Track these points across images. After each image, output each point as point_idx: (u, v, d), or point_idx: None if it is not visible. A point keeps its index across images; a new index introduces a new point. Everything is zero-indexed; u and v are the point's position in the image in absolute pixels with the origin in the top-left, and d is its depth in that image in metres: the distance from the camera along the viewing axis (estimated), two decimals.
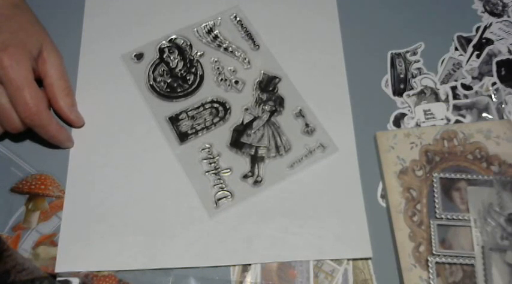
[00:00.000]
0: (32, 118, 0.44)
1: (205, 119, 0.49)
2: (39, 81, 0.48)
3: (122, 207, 0.46)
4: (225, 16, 0.55)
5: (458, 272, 0.42)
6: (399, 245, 0.43)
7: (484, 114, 0.50)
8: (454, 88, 0.51)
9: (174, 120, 0.49)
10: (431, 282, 0.42)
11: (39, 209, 0.46)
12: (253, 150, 0.48)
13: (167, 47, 0.53)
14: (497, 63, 0.52)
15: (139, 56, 0.53)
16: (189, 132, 0.49)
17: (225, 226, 0.45)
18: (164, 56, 0.53)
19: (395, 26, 0.54)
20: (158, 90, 0.51)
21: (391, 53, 0.53)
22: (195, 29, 0.54)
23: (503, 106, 0.50)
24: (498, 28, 0.54)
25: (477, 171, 0.46)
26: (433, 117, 0.50)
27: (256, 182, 0.47)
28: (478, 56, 0.53)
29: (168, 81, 0.51)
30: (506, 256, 0.41)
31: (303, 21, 0.54)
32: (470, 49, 0.53)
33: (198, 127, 0.49)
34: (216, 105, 0.50)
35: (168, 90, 0.51)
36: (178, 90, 0.51)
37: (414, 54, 0.53)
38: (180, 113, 0.50)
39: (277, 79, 0.51)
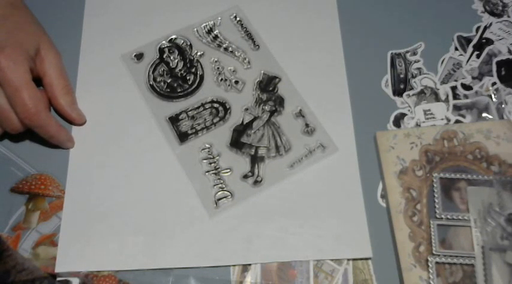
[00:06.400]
0: (31, 119, 0.44)
1: (205, 119, 0.49)
2: (38, 81, 0.48)
3: (122, 207, 0.46)
4: (225, 16, 0.55)
5: (458, 272, 0.42)
6: (399, 245, 0.43)
7: (484, 114, 0.50)
8: (454, 88, 0.51)
9: (174, 120, 0.49)
10: (431, 282, 0.42)
11: (39, 209, 0.46)
12: (253, 150, 0.48)
13: (167, 47, 0.53)
14: (497, 63, 0.52)
15: (139, 56, 0.53)
16: (189, 132, 0.49)
17: (225, 226, 0.45)
18: (164, 56, 0.53)
19: (395, 26, 0.54)
20: (158, 90, 0.51)
21: (391, 53, 0.53)
22: (195, 29, 0.54)
23: (503, 106, 0.50)
24: (498, 28, 0.54)
25: (477, 171, 0.46)
26: (433, 117, 0.50)
27: (256, 182, 0.47)
28: (478, 56, 0.53)
29: (168, 81, 0.51)
30: (506, 256, 0.41)
31: (303, 21, 0.54)
32: (470, 49, 0.53)
33: (198, 127, 0.49)
34: (216, 105, 0.50)
35: (168, 90, 0.51)
36: (178, 90, 0.51)
37: (414, 54, 0.53)
38: (180, 113, 0.50)
39: (277, 79, 0.51)
